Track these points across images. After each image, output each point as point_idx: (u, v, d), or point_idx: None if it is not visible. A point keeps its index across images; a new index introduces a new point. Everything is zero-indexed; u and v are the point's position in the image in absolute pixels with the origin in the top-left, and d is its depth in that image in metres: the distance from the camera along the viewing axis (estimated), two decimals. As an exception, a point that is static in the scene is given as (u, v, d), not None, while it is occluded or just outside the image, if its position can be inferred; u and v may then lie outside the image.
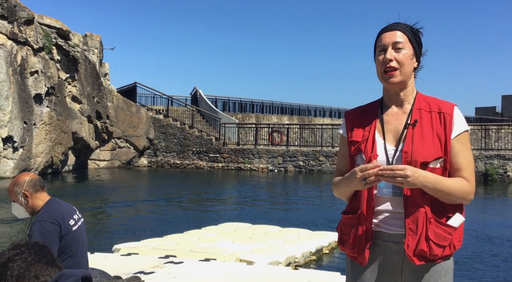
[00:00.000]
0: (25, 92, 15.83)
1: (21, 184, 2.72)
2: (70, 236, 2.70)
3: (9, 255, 1.25)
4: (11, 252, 1.25)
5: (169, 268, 4.79)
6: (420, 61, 1.82)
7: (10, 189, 2.76)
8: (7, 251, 1.26)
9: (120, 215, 10.19)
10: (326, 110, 39.63)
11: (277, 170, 21.08)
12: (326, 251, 6.43)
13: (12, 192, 2.75)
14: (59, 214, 2.69)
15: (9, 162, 15.31)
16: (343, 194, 1.83)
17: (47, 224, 2.58)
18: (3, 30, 15.55)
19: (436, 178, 1.67)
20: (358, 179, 1.67)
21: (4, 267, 1.23)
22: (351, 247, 1.78)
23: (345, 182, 1.75)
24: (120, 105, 21.54)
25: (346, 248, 1.82)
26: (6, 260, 1.24)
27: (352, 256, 1.80)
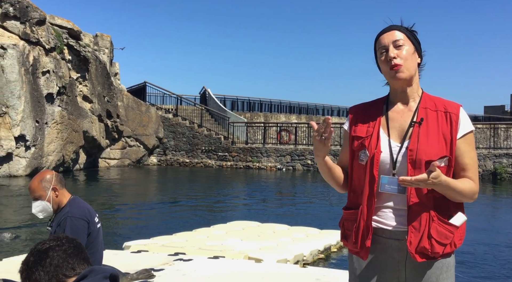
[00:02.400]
0: (37, 92, 16.06)
1: (49, 180, 2.68)
2: (94, 233, 2.72)
3: (50, 244, 1.29)
4: (52, 242, 1.29)
5: (178, 265, 4.84)
6: (422, 58, 1.84)
7: (36, 186, 2.67)
8: (48, 241, 1.30)
9: (130, 213, 10.32)
10: (334, 109, 39.56)
11: (286, 169, 21.15)
12: (334, 250, 6.43)
13: (40, 187, 2.66)
14: (86, 211, 2.72)
15: (21, 161, 15.55)
16: (326, 175, 1.87)
17: (77, 220, 2.59)
18: (15, 30, 15.78)
19: (446, 177, 1.68)
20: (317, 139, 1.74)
21: (44, 254, 1.27)
22: (353, 242, 1.79)
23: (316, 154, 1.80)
24: (130, 104, 21.74)
25: (348, 243, 1.83)
26: (47, 248, 1.28)
27: (355, 251, 1.81)
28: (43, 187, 2.66)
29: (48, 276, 1.25)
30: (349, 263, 1.87)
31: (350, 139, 1.85)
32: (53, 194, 2.67)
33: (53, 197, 2.68)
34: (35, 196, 2.68)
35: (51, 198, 2.67)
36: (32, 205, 2.69)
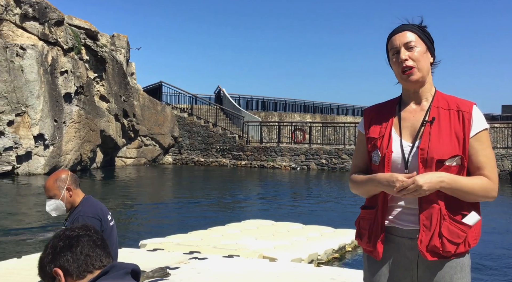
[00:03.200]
0: (56, 91, 16.34)
1: (64, 179, 2.72)
2: (108, 231, 2.76)
3: (80, 232, 1.26)
4: (82, 231, 1.26)
5: (193, 263, 4.88)
6: (435, 56, 1.82)
7: (51, 185, 2.71)
8: (77, 229, 1.27)
9: (146, 211, 10.44)
10: (349, 108, 39.36)
11: (300, 168, 21.14)
12: (348, 249, 6.42)
13: (55, 187, 2.71)
14: (99, 209, 2.77)
15: (40, 159, 15.84)
16: (367, 193, 1.83)
17: (89, 219, 2.63)
18: (34, 31, 16.07)
19: (451, 178, 1.67)
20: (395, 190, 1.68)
21: (75, 241, 1.24)
22: (367, 241, 1.80)
23: (375, 184, 1.75)
24: (146, 103, 21.96)
25: (363, 242, 1.84)
26: (78, 235, 1.25)
27: (368, 250, 1.81)
28: (58, 186, 2.71)
29: (77, 264, 1.22)
30: (364, 262, 1.88)
31: (366, 140, 1.85)
32: (67, 193, 2.71)
33: (67, 197, 2.72)
34: (49, 195, 2.73)
35: (65, 198, 2.71)
36: (46, 203, 2.74)
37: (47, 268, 1.24)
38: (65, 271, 1.22)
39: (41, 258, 1.27)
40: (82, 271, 1.22)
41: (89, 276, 1.22)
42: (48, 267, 1.24)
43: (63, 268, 1.22)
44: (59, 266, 1.22)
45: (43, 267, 1.25)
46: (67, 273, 1.22)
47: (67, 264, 1.22)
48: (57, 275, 1.22)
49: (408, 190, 1.65)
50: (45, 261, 1.25)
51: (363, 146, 1.87)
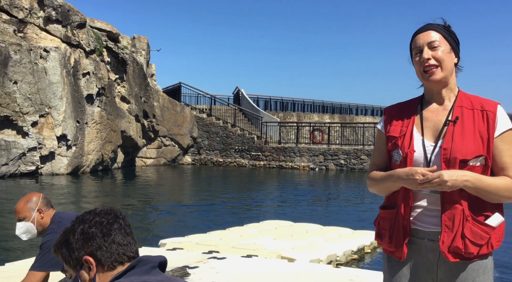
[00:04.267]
0: (78, 93, 16.65)
1: (35, 201, 2.65)
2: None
3: (110, 219, 1.21)
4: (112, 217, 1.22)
5: (212, 263, 4.92)
6: (460, 57, 1.79)
7: (22, 207, 2.63)
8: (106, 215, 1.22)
9: (165, 211, 10.55)
10: (368, 109, 39.03)
11: (318, 169, 21.08)
12: (368, 250, 6.39)
13: (25, 208, 2.63)
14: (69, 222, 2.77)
15: (63, 160, 16.17)
16: (386, 191, 1.80)
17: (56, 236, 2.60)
18: (57, 33, 16.40)
19: (476, 177, 1.65)
20: (417, 184, 1.66)
21: (108, 228, 1.19)
22: (388, 242, 1.78)
23: (394, 179, 1.73)
24: (165, 104, 22.20)
25: (383, 242, 1.81)
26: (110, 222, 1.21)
27: (389, 250, 1.79)
28: (29, 208, 2.63)
29: (110, 254, 1.17)
30: (384, 263, 1.86)
31: (386, 139, 1.83)
32: (38, 215, 2.63)
33: (38, 219, 2.63)
34: (19, 217, 2.64)
35: (36, 220, 2.63)
36: (16, 226, 2.65)
37: (75, 254, 1.18)
38: (97, 261, 1.17)
39: (66, 241, 1.19)
40: (114, 261, 1.17)
41: (119, 268, 1.18)
42: (77, 253, 1.17)
43: (95, 257, 1.17)
44: (90, 254, 1.17)
45: (71, 250, 1.18)
46: (99, 263, 1.17)
47: (100, 253, 1.16)
48: (90, 264, 1.16)
49: (432, 184, 1.63)
50: (75, 245, 1.18)
51: (382, 145, 1.85)
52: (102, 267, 1.17)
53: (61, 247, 1.21)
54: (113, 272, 1.17)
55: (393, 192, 1.80)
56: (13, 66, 14.78)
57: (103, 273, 1.17)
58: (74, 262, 1.19)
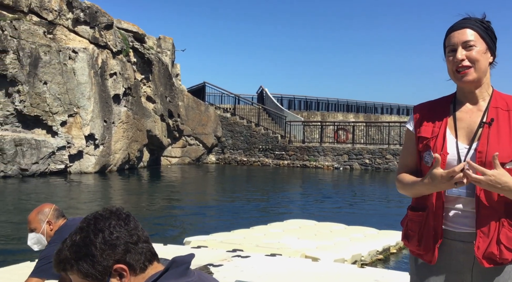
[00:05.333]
0: (105, 93, 16.99)
1: (46, 213, 2.69)
2: None
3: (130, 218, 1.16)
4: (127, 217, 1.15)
5: (236, 261, 4.95)
6: (496, 55, 1.73)
7: (33, 218, 2.67)
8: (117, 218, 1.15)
9: (190, 209, 10.68)
10: (394, 107, 38.50)
11: (343, 168, 20.93)
12: (393, 251, 6.32)
13: (36, 220, 2.66)
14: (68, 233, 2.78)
15: (91, 158, 16.52)
16: (416, 195, 1.77)
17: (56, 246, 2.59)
18: (85, 35, 16.76)
19: None
20: (448, 183, 1.61)
21: (135, 229, 1.14)
22: (416, 244, 1.74)
23: (422, 187, 1.69)
24: (190, 104, 22.42)
25: (411, 244, 1.77)
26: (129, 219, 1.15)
27: (418, 253, 1.75)
28: (39, 220, 2.67)
29: (139, 256, 1.13)
30: (411, 264, 1.82)
31: (416, 140, 1.78)
32: (47, 227, 2.66)
33: (47, 230, 2.66)
34: (30, 228, 2.69)
35: (45, 231, 2.66)
36: (28, 237, 2.69)
37: (102, 265, 1.10)
38: (129, 266, 1.11)
39: (86, 255, 1.11)
40: (144, 261, 1.13)
41: (149, 269, 1.14)
42: (105, 263, 1.10)
43: (126, 263, 1.11)
44: (119, 260, 1.10)
45: (96, 263, 1.10)
46: (131, 268, 1.11)
47: (130, 257, 1.11)
48: (123, 271, 1.10)
49: (472, 178, 1.58)
50: (100, 257, 1.10)
51: (412, 145, 1.80)
52: (134, 271, 1.12)
53: (79, 262, 1.11)
54: (144, 274, 1.13)
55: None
56: (43, 67, 15.19)
57: (136, 276, 1.12)
58: (100, 275, 1.11)
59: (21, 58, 14.72)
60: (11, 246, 6.78)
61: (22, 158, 14.74)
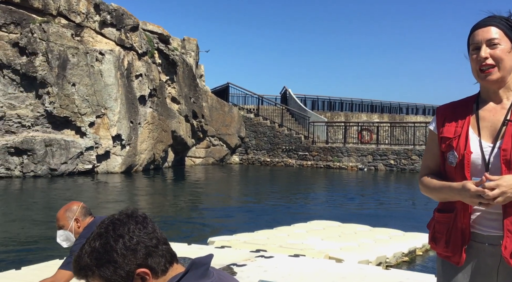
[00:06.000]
0: (131, 94, 17.28)
1: (74, 210, 2.76)
2: None
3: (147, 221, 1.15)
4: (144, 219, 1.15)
5: (260, 261, 4.96)
6: None
7: (61, 215, 2.74)
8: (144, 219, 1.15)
9: (214, 209, 10.74)
10: (419, 108, 37.89)
11: (367, 169, 20.74)
12: (419, 253, 6.25)
13: (64, 217, 2.73)
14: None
15: (117, 159, 16.83)
16: (440, 199, 1.76)
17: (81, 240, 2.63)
18: (112, 36, 17.08)
19: None
20: (473, 200, 1.60)
21: (153, 232, 1.15)
22: (444, 246, 1.73)
23: (451, 193, 1.68)
24: (214, 105, 22.59)
25: (438, 246, 1.76)
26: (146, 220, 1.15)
27: (445, 255, 1.74)
28: (67, 217, 2.74)
29: (160, 259, 1.14)
30: (437, 267, 1.81)
31: (439, 140, 1.77)
32: (75, 224, 2.74)
33: (75, 228, 2.74)
34: (59, 225, 2.76)
35: (73, 228, 2.74)
36: (57, 234, 2.76)
37: (124, 270, 1.10)
38: (151, 269, 1.12)
39: (108, 261, 1.11)
40: (166, 263, 1.14)
41: (170, 270, 1.15)
42: (128, 268, 1.10)
43: (148, 266, 1.11)
44: (141, 265, 1.11)
45: (118, 268, 1.10)
46: (153, 271, 1.12)
47: (151, 260, 1.11)
48: (145, 275, 1.11)
49: (493, 204, 1.57)
50: (122, 263, 1.10)
51: (435, 146, 1.79)
52: (156, 274, 1.12)
53: (101, 268, 1.11)
54: (165, 276, 1.14)
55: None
56: (71, 69, 15.56)
57: (157, 279, 1.13)
58: (123, 279, 1.11)
59: (50, 60, 15.11)
60: (40, 244, 6.98)
61: (51, 158, 15.13)
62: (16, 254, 6.35)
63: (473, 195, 1.59)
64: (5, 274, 4.49)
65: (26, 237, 7.43)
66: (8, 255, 6.27)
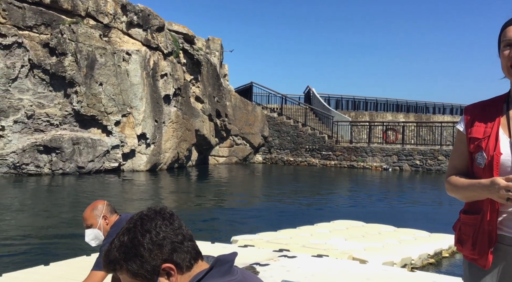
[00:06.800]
0: (156, 93, 17.51)
1: (100, 209, 2.79)
2: None
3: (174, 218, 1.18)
4: (171, 216, 1.18)
5: (283, 261, 4.97)
6: None
7: (88, 214, 2.78)
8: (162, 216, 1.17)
9: (237, 208, 10.78)
10: (447, 107, 37.17)
11: (392, 169, 20.47)
12: (445, 255, 6.15)
13: (91, 216, 2.77)
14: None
15: (142, 157, 17.09)
16: (468, 199, 1.73)
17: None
18: (138, 37, 17.35)
19: None
20: (501, 195, 1.57)
21: (179, 229, 1.17)
22: (470, 248, 1.71)
23: (479, 190, 1.65)
24: (237, 104, 22.67)
25: (464, 248, 1.74)
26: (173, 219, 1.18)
27: (472, 258, 1.72)
28: (95, 215, 2.77)
29: (185, 255, 1.15)
30: (464, 270, 1.79)
31: (468, 141, 1.73)
32: (103, 222, 2.78)
33: (104, 225, 2.78)
34: (87, 224, 2.79)
35: (102, 226, 2.78)
36: (85, 233, 2.79)
37: (150, 264, 1.13)
38: (176, 265, 1.14)
39: (135, 255, 1.14)
40: (190, 259, 1.16)
41: (195, 267, 1.16)
42: (153, 263, 1.13)
43: (173, 262, 1.14)
44: (167, 260, 1.13)
45: (145, 263, 1.13)
46: (178, 267, 1.14)
47: (176, 256, 1.14)
48: (170, 270, 1.14)
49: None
50: (148, 257, 1.13)
51: (463, 147, 1.76)
52: (181, 270, 1.15)
53: (129, 262, 1.14)
54: (190, 272, 1.16)
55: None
56: (98, 69, 15.87)
57: (182, 275, 1.15)
58: (149, 274, 1.14)
59: (79, 60, 15.45)
60: (68, 240, 7.15)
61: (79, 156, 15.47)
62: (44, 248, 6.53)
63: (502, 190, 1.56)
64: (34, 269, 4.63)
65: (54, 232, 7.63)
66: (37, 249, 6.45)
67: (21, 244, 6.76)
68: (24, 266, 4.88)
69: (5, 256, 6.08)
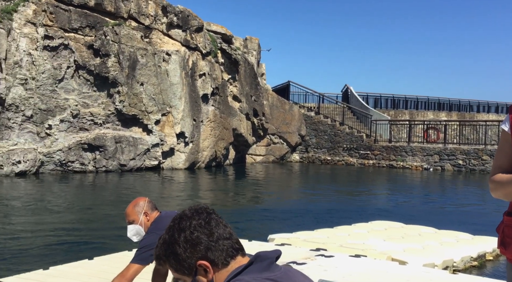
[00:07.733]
0: (195, 93, 17.80)
1: (142, 205, 2.88)
2: None
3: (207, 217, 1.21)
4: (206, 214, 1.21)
5: (320, 260, 4.95)
6: None
7: (130, 211, 2.87)
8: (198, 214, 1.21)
9: (274, 206, 10.84)
10: (492, 105, 35.82)
11: (433, 169, 19.96)
12: (489, 258, 6.00)
13: (133, 212, 2.86)
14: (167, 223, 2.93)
15: (181, 155, 17.42)
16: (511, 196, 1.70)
17: (154, 236, 2.73)
18: (178, 37, 17.68)
19: None
20: None
21: (209, 227, 1.20)
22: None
23: None
24: (274, 103, 22.71)
25: (508, 251, 1.73)
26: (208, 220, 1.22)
27: None
28: (136, 212, 2.86)
29: (220, 252, 1.19)
30: (508, 273, 1.78)
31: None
32: (144, 218, 2.86)
33: (145, 221, 2.86)
34: (129, 220, 2.88)
35: (143, 222, 2.86)
36: (127, 229, 2.89)
37: (186, 262, 1.18)
38: (211, 262, 1.17)
39: (172, 253, 1.19)
40: (226, 257, 1.19)
41: (232, 263, 1.19)
42: (189, 260, 1.18)
43: (208, 259, 1.17)
44: (202, 257, 1.17)
45: (182, 260, 1.18)
46: (213, 264, 1.17)
47: (211, 254, 1.17)
48: (206, 267, 1.17)
49: None
50: (183, 255, 1.18)
51: (508, 146, 1.73)
52: (217, 266, 1.18)
53: (169, 259, 1.21)
54: (228, 268, 1.18)
55: None
56: (140, 69, 16.29)
57: (219, 271, 1.18)
58: (187, 270, 1.19)
59: (121, 61, 15.91)
60: (111, 235, 7.40)
61: (121, 154, 15.94)
62: (89, 243, 6.79)
63: None
64: (79, 263, 4.83)
65: (99, 227, 7.92)
66: (82, 244, 6.72)
67: (67, 239, 7.07)
68: (69, 260, 5.10)
69: (52, 249, 6.37)
